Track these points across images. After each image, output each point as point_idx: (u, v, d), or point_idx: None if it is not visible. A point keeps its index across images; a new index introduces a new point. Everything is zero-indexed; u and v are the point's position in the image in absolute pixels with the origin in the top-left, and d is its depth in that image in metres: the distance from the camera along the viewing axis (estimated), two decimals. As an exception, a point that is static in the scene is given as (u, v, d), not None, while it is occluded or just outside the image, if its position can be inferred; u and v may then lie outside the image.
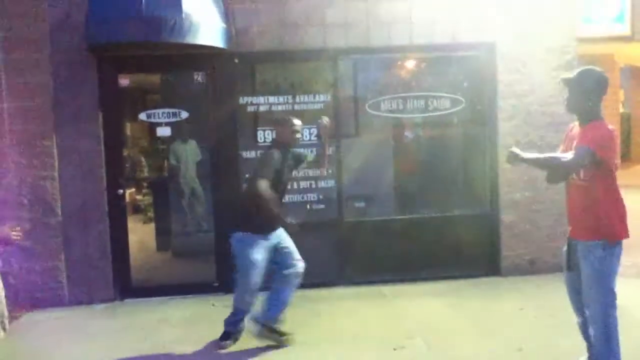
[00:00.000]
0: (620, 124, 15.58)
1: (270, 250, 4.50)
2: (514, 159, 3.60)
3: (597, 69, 3.59)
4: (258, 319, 4.50)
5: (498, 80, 6.08)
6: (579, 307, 3.70)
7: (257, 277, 4.42)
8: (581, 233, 3.57)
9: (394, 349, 4.40)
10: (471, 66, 6.25)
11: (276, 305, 4.53)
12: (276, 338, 4.51)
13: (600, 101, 3.57)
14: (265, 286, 4.55)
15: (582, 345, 3.80)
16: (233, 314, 4.61)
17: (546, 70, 6.02)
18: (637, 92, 17.05)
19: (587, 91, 3.51)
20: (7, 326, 3.82)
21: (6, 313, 3.84)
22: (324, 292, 4.69)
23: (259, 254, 4.40)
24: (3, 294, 3.79)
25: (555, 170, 3.64)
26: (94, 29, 5.31)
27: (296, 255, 4.61)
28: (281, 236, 4.59)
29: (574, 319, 3.82)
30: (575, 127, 3.68)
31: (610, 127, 3.50)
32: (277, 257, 4.56)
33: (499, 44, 6.04)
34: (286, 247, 4.59)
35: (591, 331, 3.55)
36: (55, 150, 5.66)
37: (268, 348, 4.47)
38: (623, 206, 3.56)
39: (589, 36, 8.11)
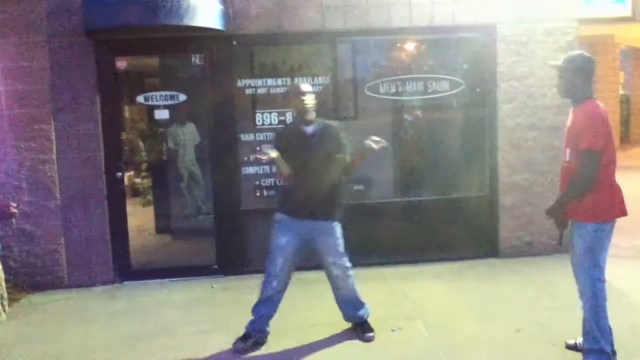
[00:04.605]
0: (619, 106, 15.55)
1: None
2: None
3: (583, 52, 3.69)
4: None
5: (498, 62, 6.04)
6: None
7: None
8: (571, 212, 3.62)
9: (392, 330, 4.43)
10: (471, 48, 6.20)
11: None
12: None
13: (589, 83, 3.63)
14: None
15: (580, 326, 3.81)
16: None
17: (547, 51, 5.98)
18: (637, 74, 16.94)
19: (573, 76, 3.59)
20: (6, 308, 3.85)
21: (6, 295, 3.87)
22: (323, 274, 4.71)
23: None
24: (3, 276, 3.82)
25: (580, 189, 3.51)
26: (90, 13, 5.28)
27: None
28: None
29: (572, 300, 3.84)
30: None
31: (598, 107, 3.53)
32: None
33: (499, 25, 5.99)
34: None
35: (580, 303, 3.65)
36: (53, 134, 5.65)
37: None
38: (613, 187, 3.58)
39: (590, 17, 8.06)
